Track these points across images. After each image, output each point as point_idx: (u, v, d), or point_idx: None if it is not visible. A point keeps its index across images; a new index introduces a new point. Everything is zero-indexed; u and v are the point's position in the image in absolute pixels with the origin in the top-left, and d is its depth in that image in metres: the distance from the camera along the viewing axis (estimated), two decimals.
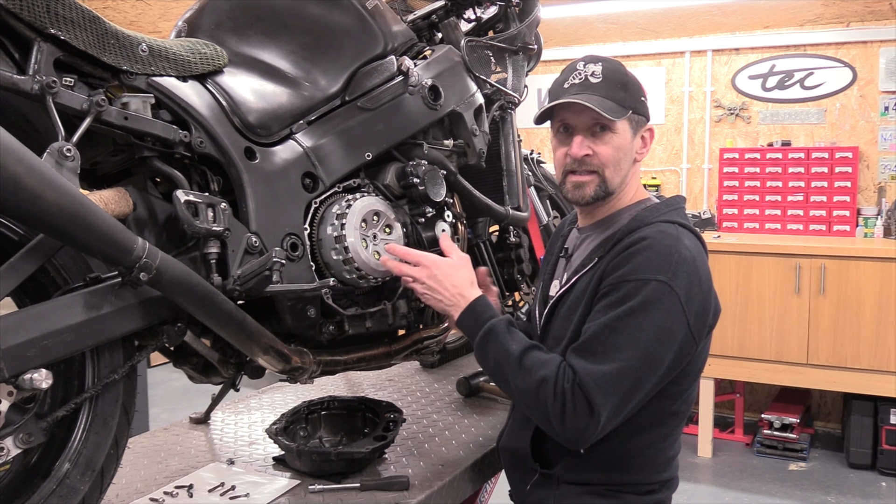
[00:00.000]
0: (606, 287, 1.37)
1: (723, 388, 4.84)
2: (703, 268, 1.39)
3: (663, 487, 1.49)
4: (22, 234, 1.11)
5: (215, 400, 2.02)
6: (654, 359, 1.32)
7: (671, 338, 1.33)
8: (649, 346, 1.31)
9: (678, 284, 1.33)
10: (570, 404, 1.29)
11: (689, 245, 1.39)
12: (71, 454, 1.15)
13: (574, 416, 1.29)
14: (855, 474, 4.17)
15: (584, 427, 1.29)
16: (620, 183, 1.48)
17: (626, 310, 1.32)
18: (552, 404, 1.31)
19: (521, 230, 2.30)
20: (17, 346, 1.02)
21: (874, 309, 4.04)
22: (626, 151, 1.47)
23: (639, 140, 1.50)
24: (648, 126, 1.52)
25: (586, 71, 1.46)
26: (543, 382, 1.32)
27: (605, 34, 5.26)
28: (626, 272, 1.35)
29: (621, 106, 1.43)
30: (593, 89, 1.43)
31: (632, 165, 1.50)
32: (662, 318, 1.32)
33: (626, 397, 1.31)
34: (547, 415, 1.32)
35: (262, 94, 1.45)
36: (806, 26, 4.89)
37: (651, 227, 1.40)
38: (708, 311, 1.39)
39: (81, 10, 1.13)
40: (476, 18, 2.01)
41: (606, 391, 1.29)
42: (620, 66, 1.50)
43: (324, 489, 1.55)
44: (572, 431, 1.30)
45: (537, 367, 1.35)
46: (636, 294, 1.32)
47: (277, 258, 1.24)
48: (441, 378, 2.42)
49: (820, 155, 4.75)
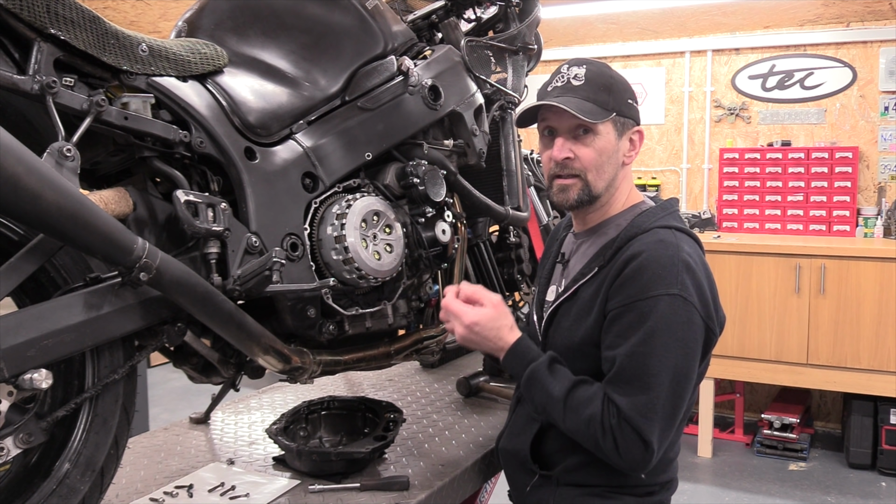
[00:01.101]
0: (618, 308, 1.37)
1: (723, 388, 4.85)
2: (705, 269, 1.41)
3: (662, 489, 1.49)
4: (22, 234, 1.11)
5: (215, 400, 2.02)
6: (685, 373, 1.35)
7: (695, 346, 1.36)
8: (679, 362, 1.33)
9: (689, 293, 1.34)
10: (620, 439, 1.32)
11: (689, 250, 1.40)
12: (71, 454, 1.15)
13: (628, 450, 1.32)
14: (855, 474, 4.17)
15: (641, 457, 1.32)
16: (606, 186, 1.48)
17: (648, 331, 1.33)
18: (603, 441, 1.34)
19: (521, 230, 2.30)
20: (17, 346, 1.02)
21: (874, 309, 4.05)
22: (610, 154, 1.46)
23: (626, 142, 1.49)
24: (637, 128, 1.51)
25: (569, 74, 1.46)
26: (591, 421, 1.34)
27: (605, 34, 5.26)
28: (635, 292, 1.35)
29: (603, 108, 1.43)
30: (575, 92, 1.44)
31: (620, 168, 1.49)
32: (683, 330, 1.33)
33: (670, 417, 1.34)
34: (602, 451, 1.35)
35: (262, 94, 1.45)
36: (806, 26, 4.89)
37: (649, 236, 1.40)
38: (713, 314, 1.40)
39: (81, 10, 1.13)
40: (476, 18, 2.01)
41: (651, 419, 1.31)
42: (607, 68, 1.49)
43: (324, 489, 1.55)
44: (630, 463, 1.34)
45: (583, 406, 1.36)
46: (652, 313, 1.33)
47: (277, 258, 1.24)
48: (441, 378, 2.42)
49: (820, 155, 4.75)
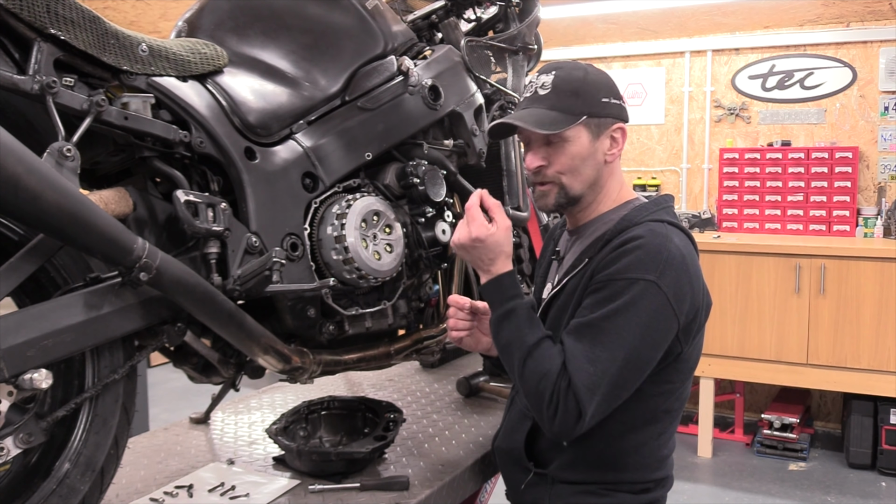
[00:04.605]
0: (595, 284, 1.38)
1: (723, 388, 4.84)
2: (692, 265, 1.40)
3: (658, 486, 1.49)
4: (22, 234, 1.11)
5: (215, 400, 2.02)
6: (639, 359, 1.34)
7: (658, 336, 1.35)
8: (635, 345, 1.32)
9: (666, 283, 1.33)
10: (562, 405, 1.32)
11: (679, 243, 1.39)
12: (71, 454, 1.15)
13: (564, 415, 1.32)
14: (855, 474, 4.17)
15: (571, 427, 1.32)
16: (587, 187, 1.47)
17: (613, 309, 1.33)
18: (549, 399, 1.33)
19: (521, 230, 2.30)
20: (17, 346, 1.02)
21: (874, 309, 4.04)
22: (585, 157, 1.44)
23: (605, 141, 1.46)
24: (618, 125, 1.46)
25: (537, 83, 1.45)
26: (546, 376, 1.34)
27: (605, 34, 5.26)
28: (614, 271, 1.36)
29: (569, 114, 1.41)
30: (540, 102, 1.43)
31: (603, 167, 1.47)
32: (648, 317, 1.32)
33: (609, 396, 1.33)
34: (541, 407, 1.34)
35: (262, 94, 1.45)
36: (806, 26, 4.89)
37: (641, 227, 1.40)
38: (698, 308, 1.40)
39: (81, 10, 1.13)
40: (476, 18, 2.02)
41: (592, 391, 1.30)
42: (577, 70, 1.45)
43: (324, 489, 1.55)
44: (559, 427, 1.33)
45: (544, 360, 1.36)
46: (623, 293, 1.33)
47: (277, 258, 1.24)
48: (441, 378, 2.42)
49: (820, 155, 4.75)
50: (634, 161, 5.43)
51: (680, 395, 1.48)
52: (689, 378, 1.50)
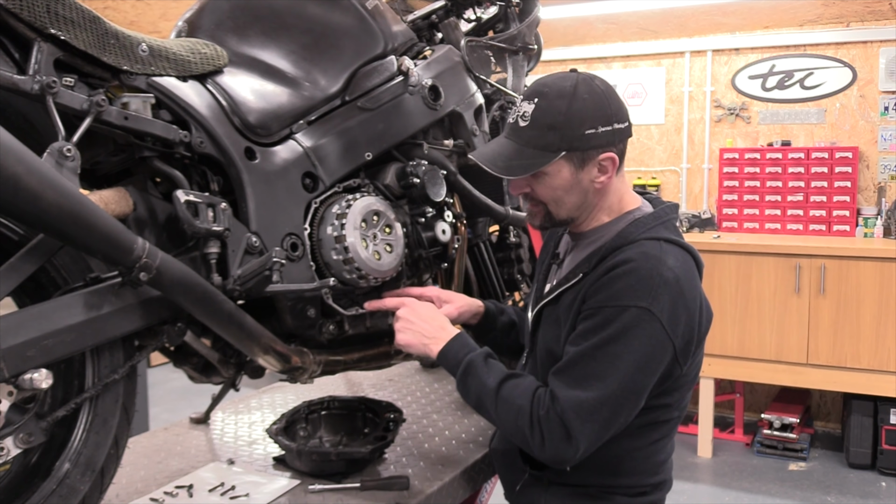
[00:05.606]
0: (588, 310, 1.36)
1: (723, 388, 4.84)
2: (687, 285, 1.35)
3: (655, 489, 1.49)
4: (22, 234, 1.11)
5: (215, 400, 2.02)
6: (634, 386, 1.32)
7: (653, 363, 1.33)
8: (629, 373, 1.30)
9: (659, 308, 1.30)
10: (546, 431, 1.31)
11: (673, 264, 1.35)
12: (71, 454, 1.15)
13: (552, 442, 1.31)
14: (855, 474, 4.17)
15: (563, 452, 1.31)
16: (574, 212, 1.45)
17: (605, 337, 1.31)
18: (530, 431, 1.33)
19: (521, 230, 2.30)
20: (17, 346, 1.02)
21: (874, 309, 4.04)
22: (568, 188, 1.41)
23: (592, 171, 1.40)
24: (607, 154, 1.38)
25: (519, 111, 1.40)
26: (520, 412, 1.34)
27: (605, 34, 5.26)
28: (605, 298, 1.34)
29: (546, 151, 1.36)
30: (518, 135, 1.40)
31: (593, 194, 1.43)
32: (642, 344, 1.30)
33: (605, 424, 1.32)
34: (526, 440, 1.34)
35: (262, 94, 1.45)
36: (806, 26, 4.89)
37: (634, 248, 1.37)
38: (694, 328, 1.37)
39: (81, 10, 1.13)
40: (476, 18, 2.02)
41: (584, 419, 1.29)
42: (562, 101, 1.35)
43: (324, 489, 1.55)
44: (552, 455, 1.33)
45: (514, 396, 1.36)
46: (614, 321, 1.31)
47: (277, 258, 1.25)
48: (441, 378, 2.41)
49: (820, 155, 4.75)
50: (634, 161, 5.42)
51: (679, 404, 1.47)
52: (690, 390, 1.49)
